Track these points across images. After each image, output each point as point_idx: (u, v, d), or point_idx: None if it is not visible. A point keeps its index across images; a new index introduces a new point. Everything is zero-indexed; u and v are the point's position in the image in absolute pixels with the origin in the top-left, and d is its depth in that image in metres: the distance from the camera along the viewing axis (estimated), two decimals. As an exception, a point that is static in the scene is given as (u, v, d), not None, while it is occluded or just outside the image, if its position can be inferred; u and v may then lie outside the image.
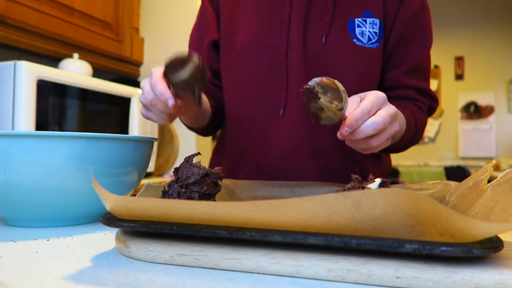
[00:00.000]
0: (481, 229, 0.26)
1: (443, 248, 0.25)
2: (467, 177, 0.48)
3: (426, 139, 4.66)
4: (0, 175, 0.43)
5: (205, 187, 0.38)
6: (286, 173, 0.75)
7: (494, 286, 0.25)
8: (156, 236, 0.34)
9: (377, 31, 0.74)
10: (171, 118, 0.59)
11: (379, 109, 0.52)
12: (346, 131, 0.50)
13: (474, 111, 4.50)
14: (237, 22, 0.79)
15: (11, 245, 0.40)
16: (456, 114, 4.58)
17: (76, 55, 1.54)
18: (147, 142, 0.55)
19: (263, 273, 0.30)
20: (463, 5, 4.52)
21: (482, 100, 4.47)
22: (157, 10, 1.98)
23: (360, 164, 0.78)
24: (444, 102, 4.63)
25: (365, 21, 0.74)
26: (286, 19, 0.75)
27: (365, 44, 0.74)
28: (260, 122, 0.77)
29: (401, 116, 0.68)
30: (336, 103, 0.48)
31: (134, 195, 0.61)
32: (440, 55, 4.60)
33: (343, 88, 0.49)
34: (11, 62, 1.19)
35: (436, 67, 4.63)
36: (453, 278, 0.26)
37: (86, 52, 1.66)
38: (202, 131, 0.86)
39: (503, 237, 0.36)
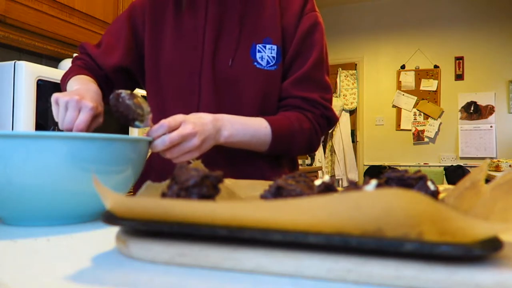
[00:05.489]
0: (481, 229, 0.26)
1: (443, 248, 0.25)
2: (467, 177, 0.48)
3: (426, 139, 4.66)
4: (0, 175, 0.44)
5: (205, 189, 0.38)
6: None
7: (494, 286, 0.25)
8: (156, 236, 0.34)
9: (275, 56, 0.87)
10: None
11: (177, 128, 0.64)
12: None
13: (474, 111, 4.49)
14: (159, 47, 0.89)
15: (11, 244, 0.40)
16: (456, 114, 4.57)
17: (76, 55, 1.54)
18: (144, 142, 0.55)
19: (263, 273, 0.30)
20: (463, 5, 4.52)
21: (482, 100, 4.47)
22: (157, 10, 1.98)
23: (261, 169, 0.87)
24: (444, 102, 4.63)
25: (265, 46, 0.87)
26: (200, 47, 0.86)
27: (264, 66, 0.86)
28: None
29: (254, 128, 0.78)
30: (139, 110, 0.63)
31: (132, 194, 0.62)
32: (440, 55, 4.60)
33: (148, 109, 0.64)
34: (11, 62, 1.19)
35: (436, 67, 4.63)
36: (453, 278, 0.26)
37: (86, 52, 1.66)
38: None
39: (503, 237, 0.36)
